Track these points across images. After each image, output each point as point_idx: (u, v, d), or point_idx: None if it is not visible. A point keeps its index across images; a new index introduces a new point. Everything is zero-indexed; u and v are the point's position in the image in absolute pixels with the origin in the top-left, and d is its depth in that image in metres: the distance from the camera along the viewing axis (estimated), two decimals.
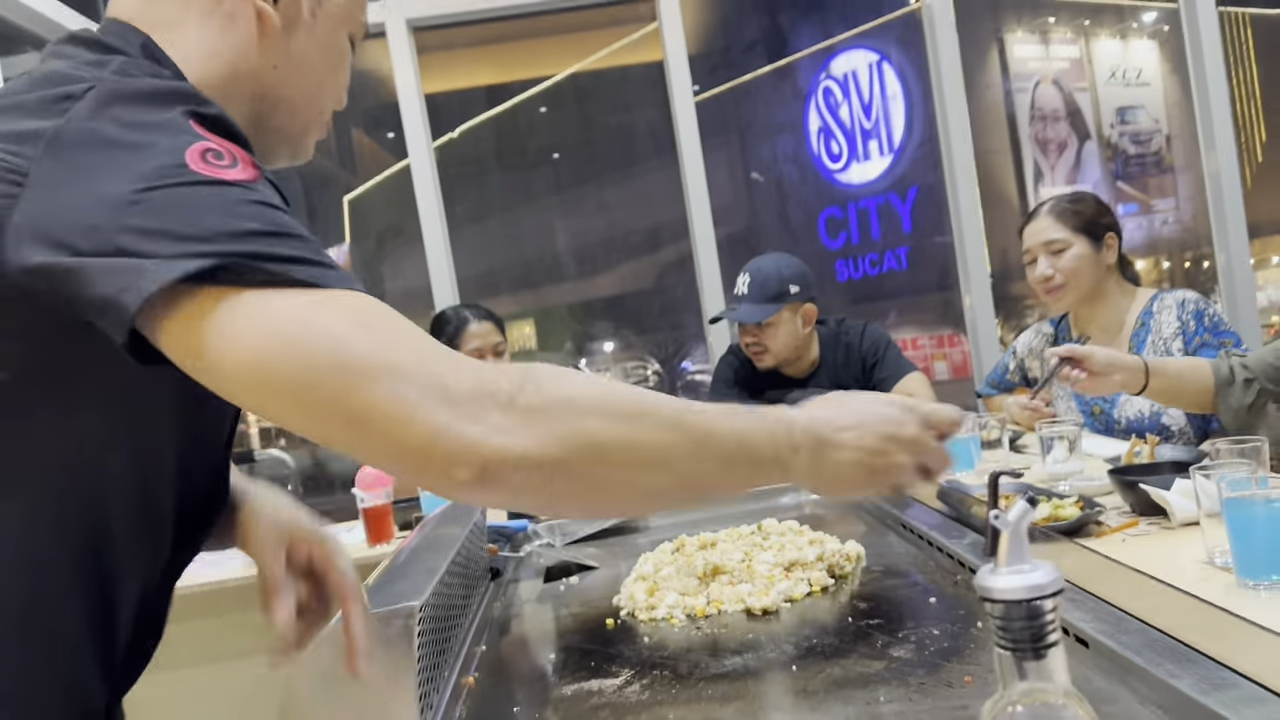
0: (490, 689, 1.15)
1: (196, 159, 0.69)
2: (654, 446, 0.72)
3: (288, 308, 0.66)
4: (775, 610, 1.27)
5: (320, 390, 0.65)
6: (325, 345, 0.65)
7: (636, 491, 0.74)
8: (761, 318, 2.68)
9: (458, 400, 0.65)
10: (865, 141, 4.88)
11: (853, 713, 0.92)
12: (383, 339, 0.66)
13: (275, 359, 0.65)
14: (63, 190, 0.67)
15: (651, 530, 1.96)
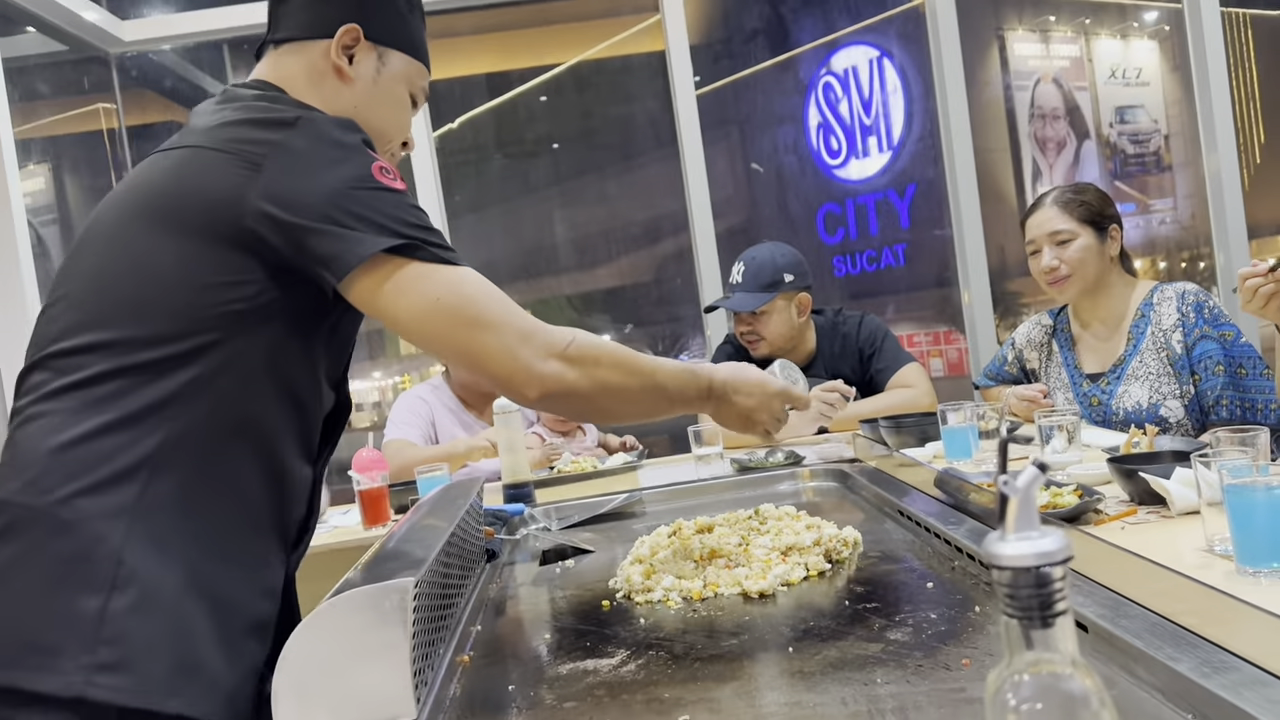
0: (485, 667, 1.15)
1: (377, 172, 1.08)
2: (635, 390, 1.19)
3: (441, 277, 1.08)
4: (772, 594, 1.27)
5: (458, 331, 1.08)
6: (465, 304, 1.08)
7: (622, 411, 1.23)
8: (754, 306, 2.68)
9: (533, 348, 1.10)
10: (865, 138, 4.87)
11: (849, 694, 0.91)
12: (494, 303, 1.10)
13: (433, 310, 1.07)
14: (289, 176, 1.04)
15: (647, 516, 1.96)
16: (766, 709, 0.90)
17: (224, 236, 1.04)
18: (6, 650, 0.96)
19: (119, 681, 0.94)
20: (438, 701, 1.01)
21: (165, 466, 1.02)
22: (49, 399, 1.05)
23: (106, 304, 1.06)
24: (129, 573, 0.98)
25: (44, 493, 1.00)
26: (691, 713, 0.91)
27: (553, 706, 0.98)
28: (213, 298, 1.05)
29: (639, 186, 4.96)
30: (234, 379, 1.06)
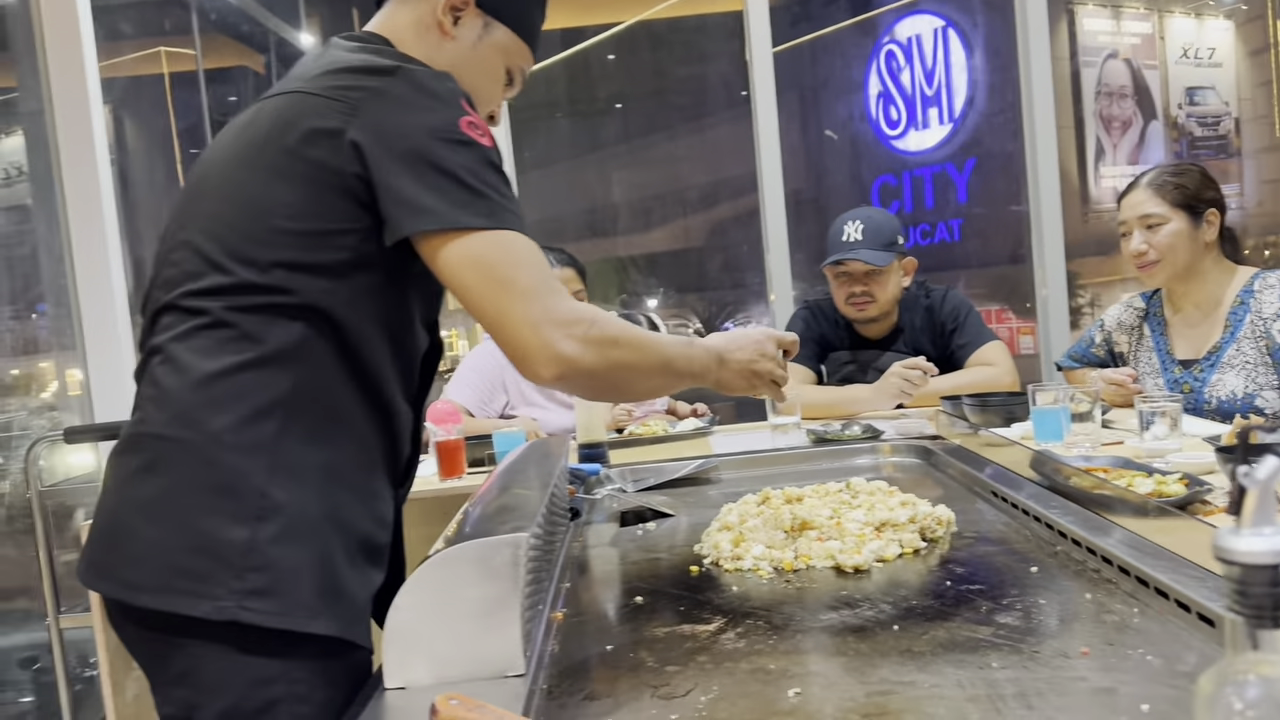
0: (579, 625, 1.14)
1: (465, 125, 1.10)
2: (646, 369, 1.19)
3: (489, 239, 1.08)
4: (867, 569, 1.25)
5: (488, 291, 1.08)
6: (500, 267, 1.08)
7: (632, 391, 1.23)
8: (884, 263, 2.62)
9: (557, 326, 1.08)
10: (925, 109, 4.77)
11: (965, 677, 0.89)
12: (531, 273, 1.09)
13: (471, 267, 1.08)
14: (384, 116, 1.08)
15: (723, 483, 1.94)
16: (879, 687, 0.88)
17: (328, 183, 1.08)
18: (161, 577, 1.03)
19: (268, 605, 1.02)
20: (539, 658, 1.00)
21: (297, 405, 1.08)
22: (183, 339, 1.10)
23: (228, 249, 1.10)
24: (272, 505, 1.04)
25: (191, 427, 1.06)
26: (802, 686, 0.90)
27: (654, 669, 0.97)
28: (323, 244, 1.09)
29: (706, 148, 4.91)
30: (346, 326, 1.11)
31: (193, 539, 1.03)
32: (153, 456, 1.07)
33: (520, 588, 0.91)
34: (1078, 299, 4.68)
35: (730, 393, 1.37)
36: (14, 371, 3.20)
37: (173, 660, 1.06)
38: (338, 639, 1.06)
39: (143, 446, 1.09)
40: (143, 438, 1.09)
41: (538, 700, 0.91)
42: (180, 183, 4.26)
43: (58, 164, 3.19)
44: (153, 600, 1.03)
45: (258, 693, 1.03)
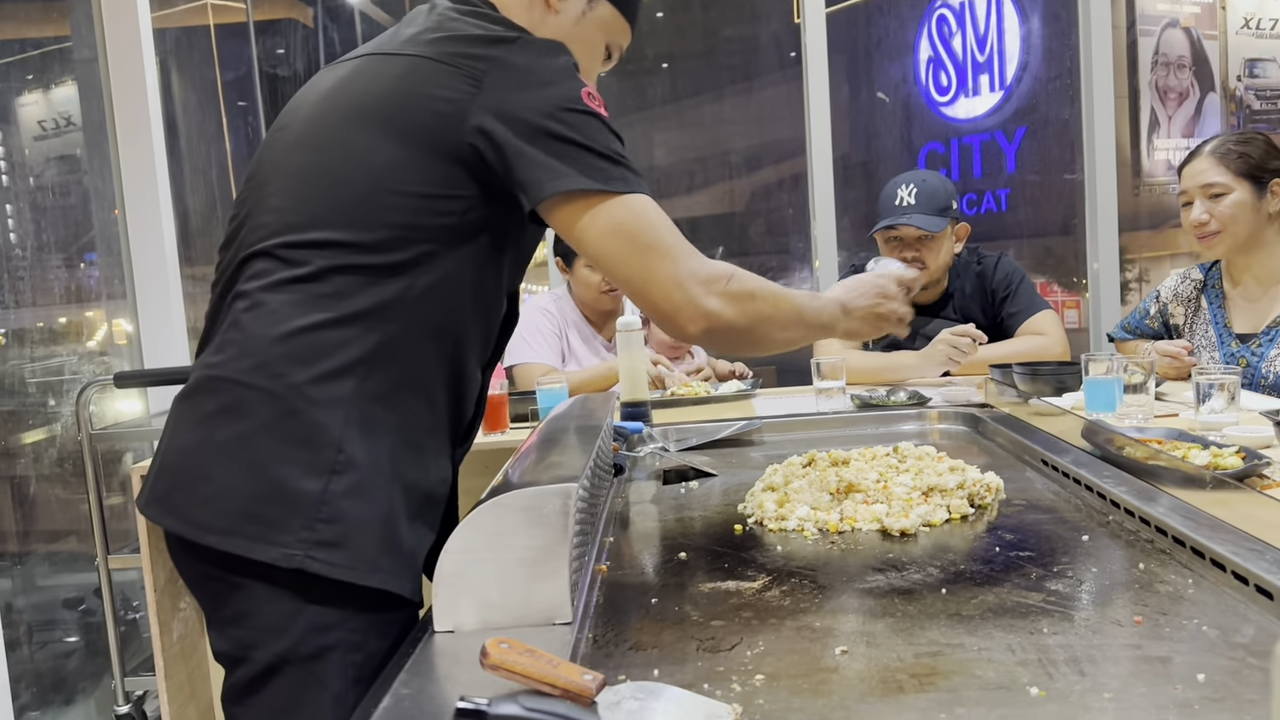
0: (623, 578, 1.14)
1: (586, 97, 1.13)
2: (782, 320, 1.22)
3: (629, 206, 1.12)
4: (913, 534, 1.24)
5: (634, 258, 1.13)
6: (643, 232, 1.12)
7: (771, 342, 1.24)
8: (938, 228, 2.57)
9: (700, 283, 1.13)
10: (976, 75, 4.66)
11: (1015, 641, 0.88)
12: (669, 235, 1.14)
13: (614, 235, 1.12)
14: (507, 91, 1.10)
15: (765, 445, 1.93)
16: (928, 649, 0.88)
17: (444, 149, 1.10)
18: (232, 520, 1.05)
19: (335, 557, 1.05)
20: (585, 608, 1.01)
21: (378, 364, 1.10)
22: (276, 289, 1.11)
23: (331, 203, 1.12)
24: (347, 459, 1.07)
25: (275, 377, 1.08)
26: (849, 645, 0.89)
27: (700, 623, 0.97)
28: (430, 208, 1.11)
29: (753, 110, 4.85)
30: (441, 290, 1.13)
31: (267, 486, 1.05)
32: (232, 401, 1.09)
33: (569, 537, 0.91)
34: (1125, 274, 4.59)
35: (857, 339, 1.44)
36: (62, 320, 3.25)
37: (232, 600, 1.08)
38: (394, 594, 1.09)
39: (221, 390, 1.10)
40: (221, 381, 1.10)
41: (584, 649, 0.91)
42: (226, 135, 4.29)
43: (110, 113, 3.22)
44: (220, 541, 1.05)
45: (314, 639, 1.05)
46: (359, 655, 1.07)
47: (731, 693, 0.80)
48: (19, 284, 3.04)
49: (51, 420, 3.07)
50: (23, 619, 2.92)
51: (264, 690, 1.07)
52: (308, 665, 1.06)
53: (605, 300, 2.86)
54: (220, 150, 4.28)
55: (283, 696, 1.06)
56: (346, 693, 1.06)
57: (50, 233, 3.19)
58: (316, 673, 1.05)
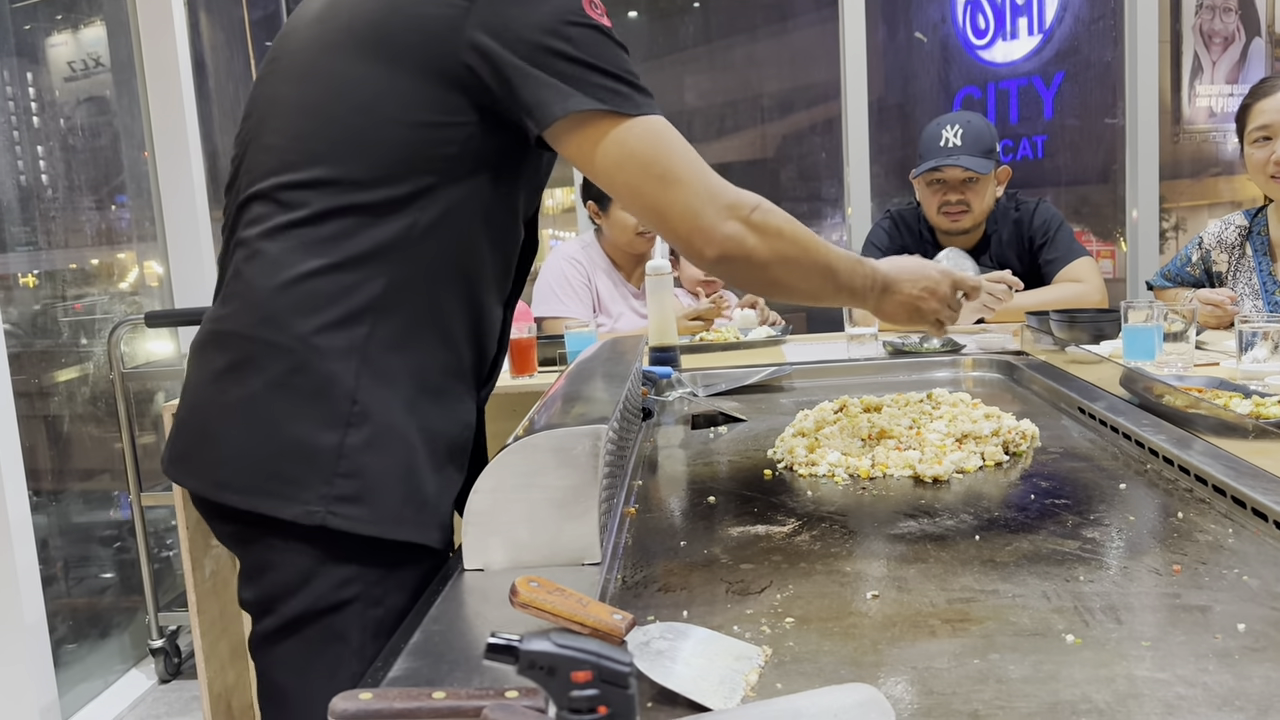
0: (651, 521, 1.14)
1: (588, 5, 1.04)
2: (808, 267, 1.16)
3: (640, 130, 1.05)
4: (946, 480, 1.22)
5: (648, 184, 1.06)
6: (658, 158, 1.06)
7: (793, 286, 1.18)
8: (986, 170, 2.51)
9: (718, 208, 1.07)
10: (1015, 18, 4.53)
11: (1050, 588, 0.87)
12: (685, 159, 1.07)
13: (626, 161, 1.05)
14: (503, 6, 1.01)
15: (795, 391, 1.92)
16: (960, 594, 0.87)
17: (438, 71, 1.02)
18: (251, 478, 1.02)
19: (357, 512, 1.01)
20: (613, 549, 1.00)
21: (389, 308, 1.04)
22: (274, 235, 1.05)
23: (325, 139, 1.05)
24: (362, 411, 1.02)
25: (281, 329, 1.02)
26: (880, 589, 0.88)
27: (729, 566, 0.97)
28: (428, 138, 1.04)
29: (787, 52, 4.75)
30: (448, 224, 1.06)
31: (283, 443, 1.02)
32: (240, 357, 1.04)
33: (599, 478, 0.90)
34: (1163, 223, 4.50)
35: (887, 320, 1.32)
36: (94, 261, 3.27)
37: (255, 552, 1.07)
38: (419, 545, 1.06)
39: (229, 345, 1.06)
40: (229, 336, 1.06)
41: (613, 589, 0.91)
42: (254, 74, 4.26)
43: (139, 52, 3.20)
44: (240, 500, 1.03)
45: (335, 593, 1.03)
46: (380, 609, 1.04)
47: (761, 635, 0.80)
48: (51, 225, 3.05)
49: (84, 359, 3.10)
50: (59, 555, 2.97)
51: (286, 642, 1.06)
52: (328, 619, 1.03)
53: (640, 243, 2.82)
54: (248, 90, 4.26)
55: (305, 649, 1.05)
56: (366, 646, 1.03)
57: (81, 174, 3.19)
58: (337, 627, 1.03)
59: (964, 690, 0.69)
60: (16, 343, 2.81)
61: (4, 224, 2.79)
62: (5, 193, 2.79)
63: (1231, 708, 0.64)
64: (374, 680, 0.70)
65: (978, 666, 0.72)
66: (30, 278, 2.96)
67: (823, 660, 0.75)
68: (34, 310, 2.98)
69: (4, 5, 2.88)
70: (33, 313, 2.97)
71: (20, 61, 2.98)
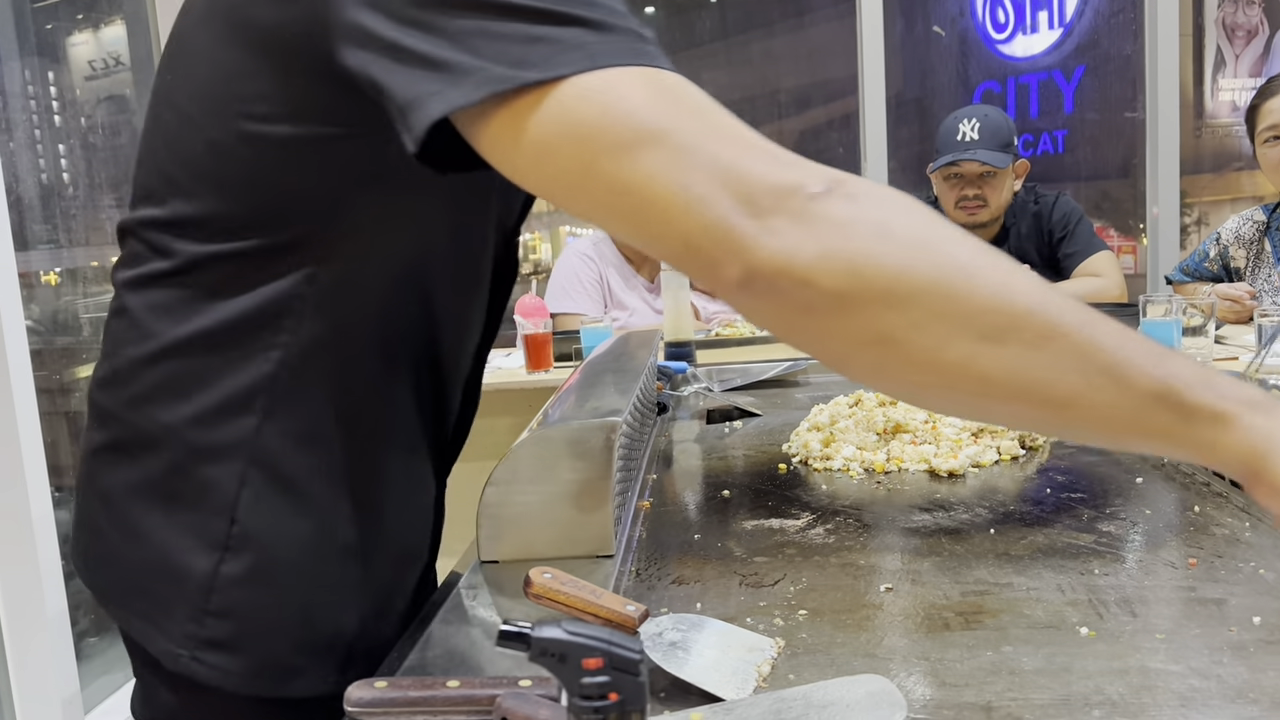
0: (665, 514, 1.14)
1: None
2: (1000, 311, 0.55)
3: (573, 92, 0.59)
4: (961, 474, 1.22)
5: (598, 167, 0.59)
6: (611, 126, 0.59)
7: (929, 358, 0.57)
8: (1004, 164, 2.51)
9: (744, 188, 0.57)
10: (1035, 12, 4.51)
11: (1065, 581, 0.87)
12: (668, 114, 0.59)
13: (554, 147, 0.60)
14: None
15: (811, 386, 1.92)
16: (975, 588, 0.86)
17: (291, 58, 0.69)
18: (124, 591, 0.81)
19: (227, 662, 0.77)
20: (627, 542, 1.01)
21: (286, 391, 0.77)
22: (140, 287, 0.79)
23: (189, 160, 0.76)
24: (242, 533, 0.77)
25: (149, 417, 0.78)
26: (894, 582, 0.88)
27: (743, 559, 0.97)
28: (320, 162, 0.72)
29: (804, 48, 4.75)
30: (369, 270, 0.78)
31: (152, 555, 0.78)
32: (111, 439, 0.81)
33: (613, 471, 0.91)
34: (1184, 218, 4.47)
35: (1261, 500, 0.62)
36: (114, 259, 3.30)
37: (136, 667, 0.86)
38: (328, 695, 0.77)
39: (102, 420, 0.82)
40: (102, 411, 0.82)
41: (627, 582, 0.91)
42: None
43: (157, 49, 3.22)
44: (115, 614, 0.83)
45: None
46: None
47: (774, 627, 0.80)
48: (71, 223, 3.08)
49: None
50: None
51: None
52: None
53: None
54: None
55: None
56: None
57: (101, 172, 3.22)
58: None
59: (977, 682, 0.69)
60: (38, 340, 2.84)
61: (26, 222, 2.82)
62: (27, 191, 2.82)
63: (1246, 700, 0.64)
64: (389, 670, 0.71)
65: (991, 659, 0.72)
66: (52, 275, 2.99)
67: (835, 652, 0.75)
68: (55, 307, 3.01)
69: (25, 5, 2.91)
70: (54, 309, 3.00)
71: (41, 61, 3.01)
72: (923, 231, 0.58)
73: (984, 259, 0.57)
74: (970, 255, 0.57)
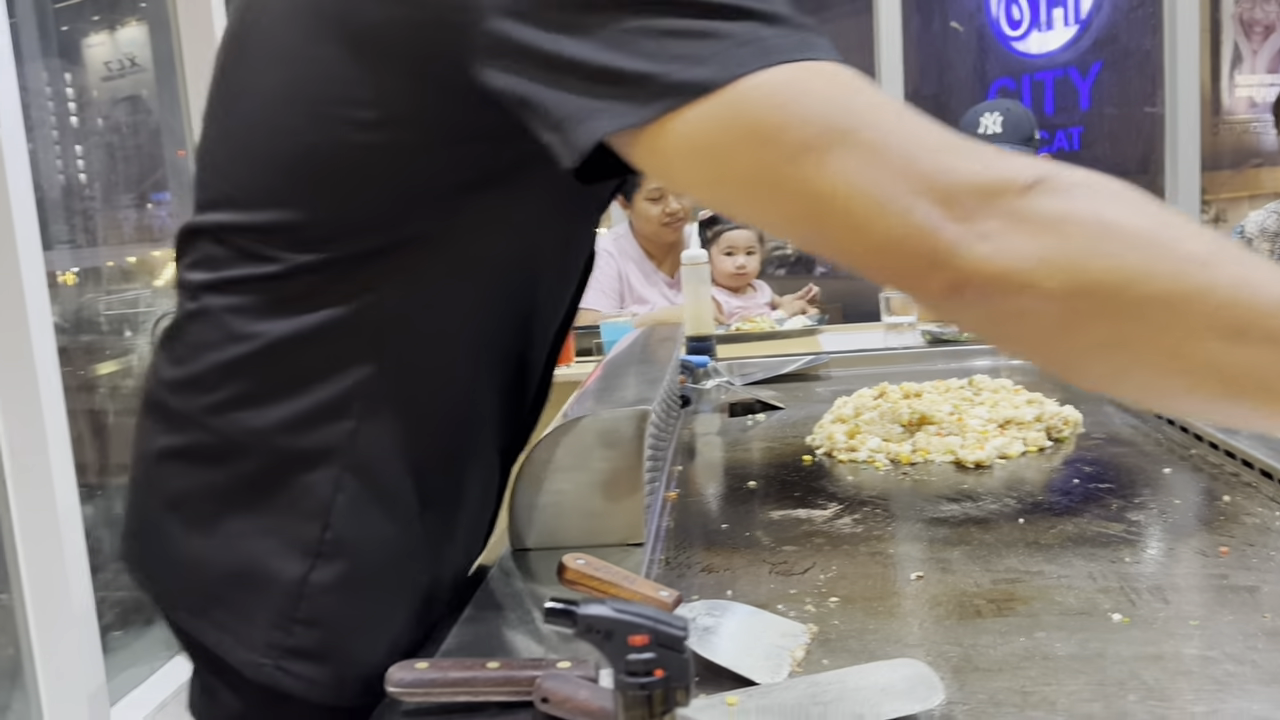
0: (692, 505, 1.14)
1: None
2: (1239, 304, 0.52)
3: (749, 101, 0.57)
4: (988, 465, 1.22)
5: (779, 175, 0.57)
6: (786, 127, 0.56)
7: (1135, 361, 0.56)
8: None
9: (943, 188, 0.54)
10: (1050, 8, 4.49)
11: (1096, 569, 0.86)
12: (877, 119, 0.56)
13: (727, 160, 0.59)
14: None
15: (833, 380, 1.92)
16: (1005, 575, 0.87)
17: (420, 67, 0.67)
18: (199, 597, 0.77)
19: (314, 673, 0.75)
20: (655, 532, 1.01)
21: (385, 394, 0.75)
22: (225, 289, 0.76)
23: (282, 168, 0.73)
24: (335, 539, 0.74)
25: (236, 421, 0.75)
26: (924, 571, 0.89)
27: (771, 548, 0.97)
28: (432, 164, 0.70)
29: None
30: (474, 273, 0.76)
31: (234, 563, 0.76)
32: (187, 444, 0.77)
33: (643, 460, 0.91)
34: (1203, 215, 4.45)
35: None
36: (132, 259, 3.32)
37: (202, 675, 0.84)
38: None
39: (175, 424, 0.78)
40: (175, 415, 0.78)
41: (657, 570, 0.92)
42: None
43: (179, 50, 3.24)
44: (188, 622, 0.79)
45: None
46: None
47: (806, 613, 0.80)
48: (90, 224, 3.10)
49: (127, 352, 3.15)
50: (104, 546, 3.03)
51: None
52: None
53: (666, 233, 2.84)
54: None
55: None
56: None
57: (120, 172, 3.25)
58: None
59: (1010, 667, 0.69)
60: (64, 337, 2.87)
61: (47, 221, 2.85)
62: (49, 191, 2.85)
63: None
64: (428, 652, 0.71)
65: (1024, 644, 0.72)
66: (70, 275, 3.01)
67: (868, 638, 0.75)
68: (77, 305, 3.03)
69: (46, 6, 2.93)
70: (76, 307, 3.02)
71: (61, 61, 3.04)
72: (1148, 224, 0.55)
73: (1217, 250, 0.54)
74: (1202, 247, 0.54)
